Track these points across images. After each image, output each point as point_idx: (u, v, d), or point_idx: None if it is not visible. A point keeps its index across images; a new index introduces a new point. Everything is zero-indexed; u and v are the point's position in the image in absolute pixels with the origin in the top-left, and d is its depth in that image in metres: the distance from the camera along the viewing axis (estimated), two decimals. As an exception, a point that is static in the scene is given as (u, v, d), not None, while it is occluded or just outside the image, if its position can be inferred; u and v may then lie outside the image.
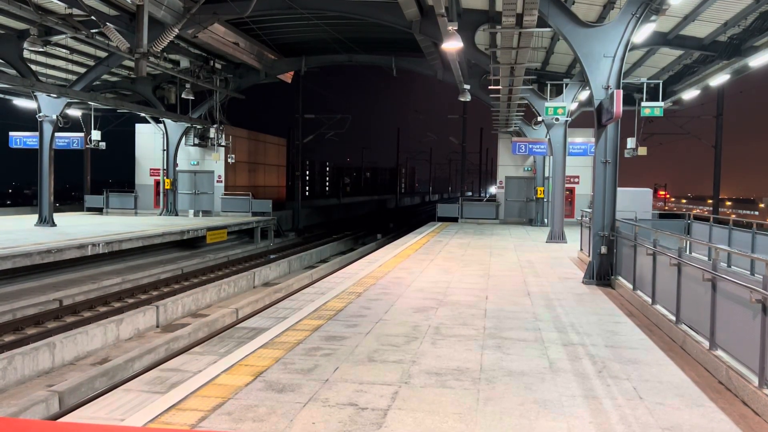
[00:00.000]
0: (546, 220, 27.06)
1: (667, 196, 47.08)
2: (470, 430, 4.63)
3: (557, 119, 19.42)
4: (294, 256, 23.23)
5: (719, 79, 19.03)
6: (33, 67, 21.53)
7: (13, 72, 20.75)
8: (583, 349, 6.97)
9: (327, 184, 65.58)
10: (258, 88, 31.53)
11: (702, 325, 6.65)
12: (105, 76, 26.52)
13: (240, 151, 32.05)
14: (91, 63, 23.68)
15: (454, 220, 30.00)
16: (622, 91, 10.90)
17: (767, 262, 5.41)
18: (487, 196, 53.13)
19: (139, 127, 31.34)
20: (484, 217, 29.39)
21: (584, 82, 18.09)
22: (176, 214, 29.38)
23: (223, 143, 29.50)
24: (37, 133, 21.82)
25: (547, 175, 27.21)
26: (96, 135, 26.35)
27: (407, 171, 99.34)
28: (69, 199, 51.21)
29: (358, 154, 73.12)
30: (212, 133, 29.16)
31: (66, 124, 23.01)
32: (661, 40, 17.36)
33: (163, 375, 5.79)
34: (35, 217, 22.58)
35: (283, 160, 40.45)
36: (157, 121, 29.48)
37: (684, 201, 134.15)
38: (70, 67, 24.95)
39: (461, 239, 20.33)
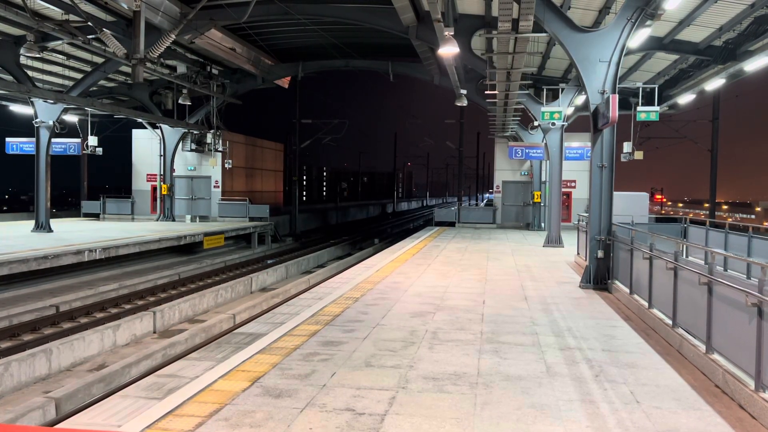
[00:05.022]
0: (543, 225, 27.11)
1: (664, 199, 47.17)
2: (467, 435, 4.63)
3: (554, 124, 19.47)
4: (291, 261, 23.21)
5: (715, 84, 19.10)
6: (29, 72, 21.54)
7: (9, 78, 20.74)
8: (580, 354, 6.98)
9: (324, 188, 65.54)
10: (255, 93, 31.57)
11: (698, 329, 6.66)
12: (102, 82, 26.54)
13: (237, 156, 32.04)
14: (88, 69, 23.70)
15: (452, 224, 30.04)
16: (618, 95, 10.95)
17: (763, 265, 5.43)
18: (483, 201, 53.20)
19: (136, 133, 31.32)
20: (482, 222, 29.43)
21: (580, 87, 18.14)
22: (173, 220, 29.36)
23: (220, 148, 29.50)
24: (33, 139, 21.81)
25: (543, 179, 27.28)
26: (93, 141, 26.33)
27: (405, 176, 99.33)
28: (66, 205, 51.13)
29: (356, 159, 72.99)
30: (209, 138, 29.17)
31: (63, 129, 23.00)
32: (656, 44, 17.43)
33: (160, 381, 5.79)
34: (32, 223, 22.55)
35: (281, 165, 40.42)
36: (154, 126, 29.48)
37: (680, 205, 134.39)
38: (67, 72, 24.95)
39: (458, 244, 20.34)
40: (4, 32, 19.67)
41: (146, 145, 31.07)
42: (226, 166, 30.12)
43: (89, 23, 15.20)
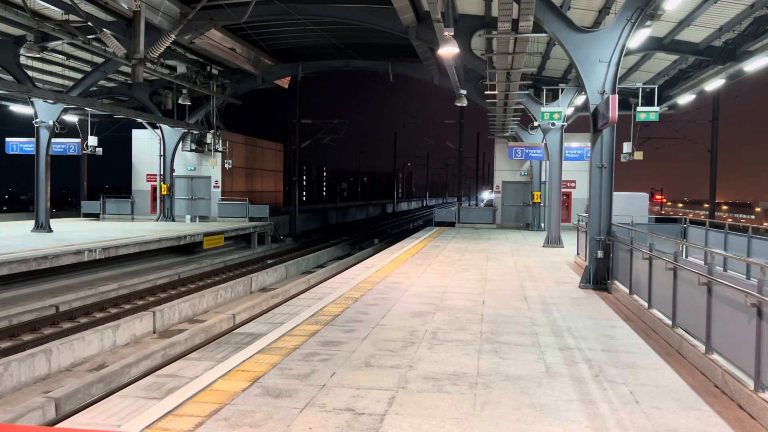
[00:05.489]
0: (543, 225, 27.11)
1: (664, 200, 47.17)
2: (467, 435, 4.63)
3: (553, 124, 19.47)
4: (291, 261, 23.21)
5: (714, 84, 19.10)
6: (29, 72, 21.53)
7: (9, 78, 20.74)
8: (580, 354, 6.98)
9: (324, 189, 65.59)
10: (255, 93, 31.58)
11: (698, 329, 6.66)
12: (102, 82, 26.53)
13: (237, 157, 32.05)
14: (88, 69, 23.70)
15: (452, 224, 30.04)
16: (617, 95, 10.95)
17: (762, 265, 5.43)
18: (481, 202, 53.21)
19: (136, 133, 31.33)
20: (482, 222, 29.43)
21: (580, 87, 18.15)
22: (173, 220, 29.35)
23: (220, 148, 29.51)
24: (33, 139, 21.81)
25: (543, 179, 27.28)
26: (93, 141, 26.33)
27: (404, 176, 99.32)
28: (66, 205, 51.12)
29: (356, 159, 73.00)
30: (209, 138, 29.17)
31: (62, 129, 23.00)
32: (656, 45, 17.44)
33: (160, 381, 5.79)
34: (32, 223, 22.54)
35: (281, 165, 40.42)
36: (154, 126, 29.48)
37: (680, 205, 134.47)
38: (67, 72, 24.95)
39: (458, 244, 20.34)
40: (4, 32, 19.67)
41: (146, 145, 31.07)
42: (226, 166, 30.12)
43: (89, 23, 15.21)
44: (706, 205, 35.95)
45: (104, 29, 15.35)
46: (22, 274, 15.15)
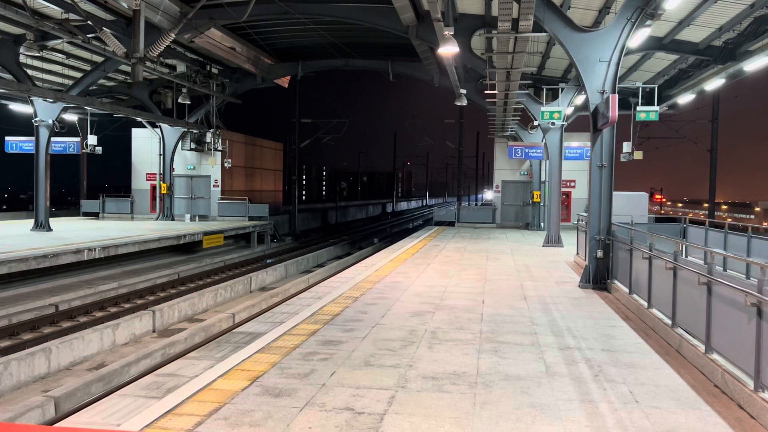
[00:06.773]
0: (542, 224, 27.11)
1: (663, 200, 47.18)
2: (467, 435, 4.63)
3: (553, 123, 19.46)
4: (291, 261, 23.20)
5: (714, 84, 19.11)
6: (29, 71, 21.52)
7: (9, 77, 20.72)
8: (580, 353, 6.98)
9: (324, 188, 65.63)
10: (255, 92, 31.57)
11: (698, 329, 6.66)
12: (101, 81, 26.51)
13: (237, 156, 32.03)
14: (88, 68, 23.69)
15: (451, 224, 30.05)
16: (617, 95, 10.95)
17: (762, 265, 5.43)
18: (480, 202, 53.28)
19: (136, 132, 31.31)
20: (481, 221, 29.45)
21: (580, 87, 18.14)
22: (173, 219, 29.35)
23: (219, 148, 29.49)
24: (33, 138, 21.81)
25: (543, 179, 27.28)
26: (92, 140, 26.31)
27: (404, 175, 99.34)
28: (65, 204, 51.11)
29: (356, 159, 73.04)
30: (209, 137, 29.15)
31: (62, 128, 23.00)
32: (656, 44, 17.44)
33: (160, 380, 5.78)
34: (31, 222, 22.54)
35: (280, 164, 40.40)
36: (154, 125, 29.47)
37: (680, 205, 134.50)
38: (67, 71, 24.94)
39: (458, 243, 20.34)
40: (3, 31, 19.65)
41: (146, 144, 31.05)
42: (226, 165, 30.11)
43: (89, 22, 15.20)
44: (706, 205, 35.94)
45: (104, 28, 15.34)
46: (22, 273, 15.15)
